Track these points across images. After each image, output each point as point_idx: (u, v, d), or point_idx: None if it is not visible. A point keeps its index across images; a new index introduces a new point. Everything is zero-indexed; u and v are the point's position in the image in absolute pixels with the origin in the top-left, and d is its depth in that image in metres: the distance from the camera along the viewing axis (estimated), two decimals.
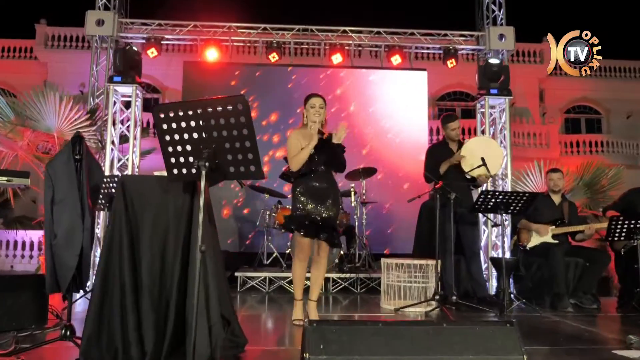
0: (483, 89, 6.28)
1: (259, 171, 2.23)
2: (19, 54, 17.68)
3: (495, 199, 4.50)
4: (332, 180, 3.86)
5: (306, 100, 3.83)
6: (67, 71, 16.50)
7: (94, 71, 8.14)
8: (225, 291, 2.81)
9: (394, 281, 4.76)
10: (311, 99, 3.80)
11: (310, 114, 3.76)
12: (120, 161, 5.90)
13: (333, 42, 8.54)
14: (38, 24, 17.46)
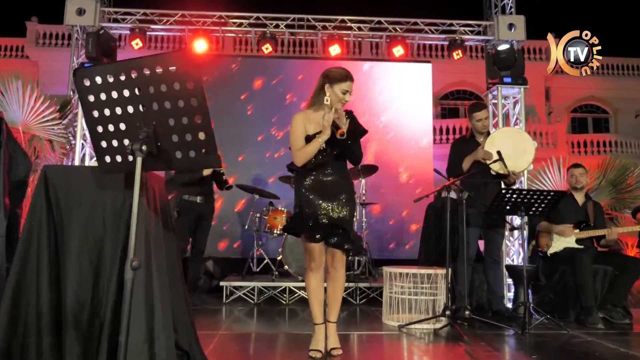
0: (494, 78, 5.68)
1: (213, 156, 1.63)
2: (9, 52, 17.18)
3: (515, 198, 3.89)
4: (345, 173, 3.15)
5: (336, 78, 3.02)
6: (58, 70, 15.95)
7: (74, 64, 7.56)
8: (184, 314, 2.20)
9: (397, 293, 4.15)
10: (346, 82, 3.03)
11: (335, 98, 3.00)
12: (92, 158, 5.30)
13: (331, 33, 7.96)
14: (29, 22, 16.99)
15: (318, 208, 2.98)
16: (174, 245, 2.27)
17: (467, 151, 4.36)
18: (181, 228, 4.82)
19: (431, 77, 8.25)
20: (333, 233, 2.99)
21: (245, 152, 7.66)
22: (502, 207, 3.98)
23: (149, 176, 2.07)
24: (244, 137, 7.72)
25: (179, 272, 2.25)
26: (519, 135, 4.37)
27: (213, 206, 5.06)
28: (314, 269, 3.05)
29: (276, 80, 8.15)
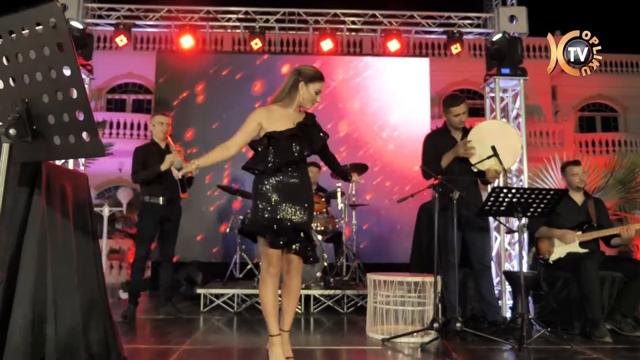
0: (492, 68, 5.28)
1: (95, 141, 1.26)
2: None
3: (511, 198, 3.50)
4: (307, 177, 3.00)
5: (311, 77, 2.92)
6: None
7: None
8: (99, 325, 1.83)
9: (382, 303, 3.77)
10: (321, 82, 2.96)
11: (308, 97, 2.93)
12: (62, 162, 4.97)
13: (322, 27, 7.60)
14: None
15: (282, 211, 2.81)
16: (91, 249, 1.91)
17: (443, 146, 3.98)
18: (143, 232, 4.47)
19: (429, 72, 7.85)
20: (295, 239, 2.82)
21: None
22: (497, 208, 3.59)
23: (56, 171, 1.72)
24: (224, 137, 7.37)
25: (95, 279, 1.90)
26: (504, 130, 3.95)
27: (178, 207, 4.66)
28: (273, 275, 2.84)
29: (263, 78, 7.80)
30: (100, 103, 16.82)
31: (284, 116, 2.92)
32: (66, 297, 1.67)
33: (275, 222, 2.79)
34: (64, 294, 1.66)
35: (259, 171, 2.89)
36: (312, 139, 2.96)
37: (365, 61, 8.04)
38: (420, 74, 7.77)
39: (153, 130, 4.63)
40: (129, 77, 16.88)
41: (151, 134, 4.69)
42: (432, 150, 4.10)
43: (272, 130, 2.86)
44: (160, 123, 4.57)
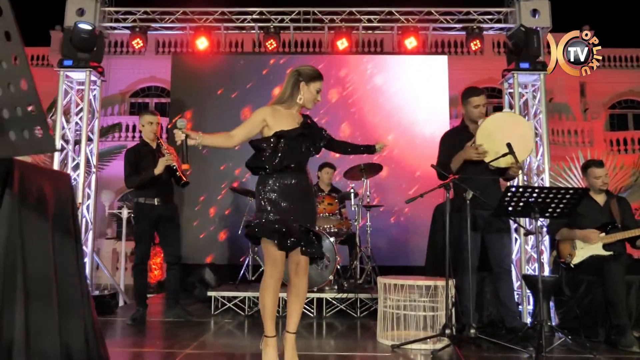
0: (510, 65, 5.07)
1: (47, 136, 1.18)
2: (34, 61, 17.35)
3: (527, 197, 3.32)
4: (307, 175, 2.98)
5: (311, 77, 2.94)
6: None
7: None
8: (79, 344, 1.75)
9: (391, 307, 3.63)
10: (320, 81, 2.98)
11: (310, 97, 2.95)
12: (75, 161, 4.98)
13: (338, 26, 7.48)
14: (53, 31, 17.12)
15: (289, 213, 2.79)
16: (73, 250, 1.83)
17: (460, 144, 3.81)
18: (140, 233, 4.40)
19: (447, 71, 7.64)
20: (305, 240, 2.83)
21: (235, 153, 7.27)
22: (513, 209, 3.41)
23: (32, 171, 1.65)
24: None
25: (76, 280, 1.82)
26: (512, 120, 3.77)
27: (175, 207, 4.56)
28: (276, 279, 2.82)
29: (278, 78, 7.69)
30: (124, 107, 17.05)
31: (288, 116, 2.91)
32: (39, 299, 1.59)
33: (283, 224, 2.76)
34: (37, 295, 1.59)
35: (265, 170, 2.85)
36: (315, 138, 2.98)
37: (381, 60, 7.91)
38: (439, 72, 7.58)
39: (143, 130, 4.51)
40: (151, 81, 17.07)
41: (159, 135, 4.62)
42: (449, 149, 3.94)
43: (280, 129, 2.83)
44: (149, 123, 4.46)
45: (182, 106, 7.57)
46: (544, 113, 5.02)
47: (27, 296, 1.53)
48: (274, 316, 2.84)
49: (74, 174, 4.90)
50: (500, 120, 3.76)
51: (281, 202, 2.80)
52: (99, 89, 5.20)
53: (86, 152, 4.92)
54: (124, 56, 16.85)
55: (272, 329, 2.82)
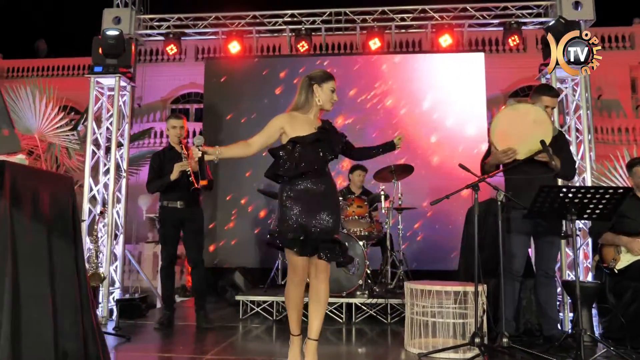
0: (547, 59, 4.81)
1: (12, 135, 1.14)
2: (80, 71, 18.00)
3: (563, 197, 3.10)
4: (330, 181, 2.98)
5: (322, 78, 2.97)
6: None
7: None
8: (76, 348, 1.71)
9: (418, 314, 3.47)
10: (332, 80, 3.01)
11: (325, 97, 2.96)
12: (105, 166, 5.05)
13: (370, 26, 7.36)
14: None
15: (309, 219, 2.81)
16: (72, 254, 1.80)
17: None
18: (164, 237, 4.40)
19: (484, 68, 7.38)
20: (324, 245, 2.84)
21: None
22: (547, 209, 3.19)
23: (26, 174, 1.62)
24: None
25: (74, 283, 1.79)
26: (516, 111, 3.54)
27: (198, 210, 4.47)
28: (298, 284, 2.89)
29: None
30: (165, 113, 17.43)
31: (305, 122, 2.93)
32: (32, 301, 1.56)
33: (302, 231, 2.78)
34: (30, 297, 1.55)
35: (284, 178, 2.87)
36: (333, 142, 2.96)
37: (415, 59, 7.73)
38: (476, 71, 7.33)
39: (169, 134, 4.51)
40: (191, 87, 17.40)
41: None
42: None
43: (296, 135, 2.85)
44: (173, 127, 4.45)
45: (216, 111, 7.62)
46: (584, 109, 4.73)
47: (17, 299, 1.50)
48: (298, 318, 2.92)
49: (104, 178, 4.97)
50: (506, 116, 3.55)
51: (300, 207, 2.81)
52: (129, 94, 5.26)
53: (116, 157, 4.98)
54: (165, 63, 17.25)
55: (295, 329, 2.92)
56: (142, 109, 17.67)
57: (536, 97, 3.70)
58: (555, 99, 3.72)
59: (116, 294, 4.99)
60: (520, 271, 3.64)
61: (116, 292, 4.99)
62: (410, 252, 6.20)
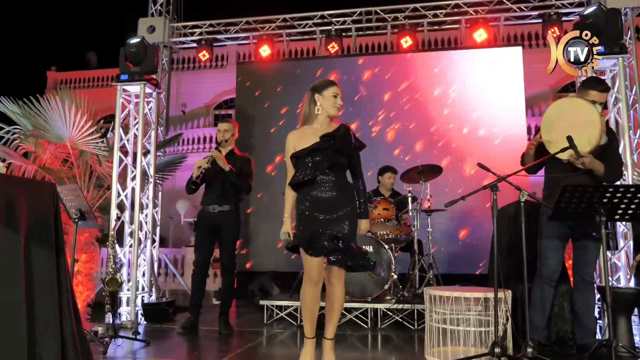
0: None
1: None
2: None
3: (589, 196, 2.86)
4: (343, 187, 3.05)
5: (322, 85, 3.08)
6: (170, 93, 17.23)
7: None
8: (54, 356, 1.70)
9: (437, 321, 3.31)
10: (333, 86, 3.07)
11: (328, 104, 3.04)
12: (133, 172, 5.14)
13: (401, 24, 7.20)
14: None
15: (318, 225, 2.93)
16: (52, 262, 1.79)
17: None
18: (197, 241, 4.41)
19: (522, 64, 7.05)
20: (334, 249, 2.92)
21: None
22: (573, 210, 2.96)
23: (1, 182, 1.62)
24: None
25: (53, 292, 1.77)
26: (573, 104, 3.31)
27: (231, 214, 4.38)
28: (313, 285, 2.97)
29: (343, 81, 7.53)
30: (208, 119, 17.78)
31: (311, 133, 3.03)
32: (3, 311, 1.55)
33: (313, 235, 2.91)
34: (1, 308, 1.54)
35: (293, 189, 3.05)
36: (338, 148, 2.98)
37: (449, 56, 7.49)
38: (513, 66, 7.01)
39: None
40: (233, 93, 17.64)
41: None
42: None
43: (299, 149, 3.00)
44: (218, 130, 4.50)
45: (247, 114, 7.66)
46: (624, 101, 4.40)
47: None
48: (312, 320, 2.99)
49: (132, 184, 5.06)
50: (561, 106, 3.35)
51: (311, 214, 2.95)
52: (155, 100, 5.33)
53: (142, 164, 5.05)
54: (207, 70, 17.61)
55: (310, 331, 2.99)
56: (187, 115, 18.11)
57: (583, 91, 3.46)
58: (604, 94, 3.42)
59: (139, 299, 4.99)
60: (553, 276, 3.42)
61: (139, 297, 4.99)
62: (443, 255, 5.99)
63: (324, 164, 2.94)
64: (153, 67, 5.03)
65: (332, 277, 2.99)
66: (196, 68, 17.95)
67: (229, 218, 4.37)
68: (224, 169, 4.23)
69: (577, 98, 3.35)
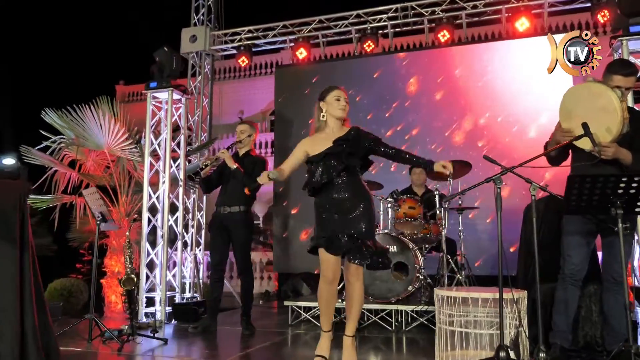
0: (619, 30, 4.14)
1: None
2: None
3: (602, 187, 2.61)
4: (356, 188, 3.14)
5: (324, 92, 3.24)
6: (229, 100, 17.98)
7: (191, 87, 8.01)
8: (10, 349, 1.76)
9: (445, 323, 3.15)
10: (334, 90, 3.21)
11: (332, 109, 3.16)
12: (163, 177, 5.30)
13: (439, 17, 6.99)
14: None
15: (334, 224, 3.03)
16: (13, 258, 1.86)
17: None
18: (211, 243, 4.44)
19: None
20: (351, 247, 3.00)
21: None
22: (586, 203, 2.71)
23: None
24: None
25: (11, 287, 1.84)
26: (590, 90, 3.02)
27: (241, 215, 4.36)
28: (329, 281, 3.06)
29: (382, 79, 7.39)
30: (265, 124, 18.10)
31: (324, 139, 3.14)
32: None
33: (329, 234, 3.02)
34: None
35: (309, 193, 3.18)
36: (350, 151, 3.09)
37: (489, 47, 7.16)
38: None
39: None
40: None
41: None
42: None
43: (313, 155, 3.12)
44: (236, 131, 4.55)
45: (285, 118, 7.71)
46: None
47: None
48: (328, 315, 3.10)
49: (163, 187, 5.22)
50: (576, 93, 3.10)
51: (327, 216, 3.07)
52: (185, 106, 5.48)
53: (172, 169, 5.20)
54: (262, 77, 17.97)
55: (327, 325, 3.10)
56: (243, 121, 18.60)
57: (607, 76, 3.17)
58: (630, 78, 3.12)
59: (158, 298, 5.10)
60: (577, 275, 3.16)
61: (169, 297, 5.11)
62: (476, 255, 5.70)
63: (338, 167, 3.05)
64: (179, 74, 5.17)
65: (350, 275, 3.06)
66: (251, 76, 18.37)
67: (239, 219, 4.36)
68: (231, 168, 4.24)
69: (593, 83, 3.08)
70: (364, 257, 2.99)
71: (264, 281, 10.84)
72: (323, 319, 3.12)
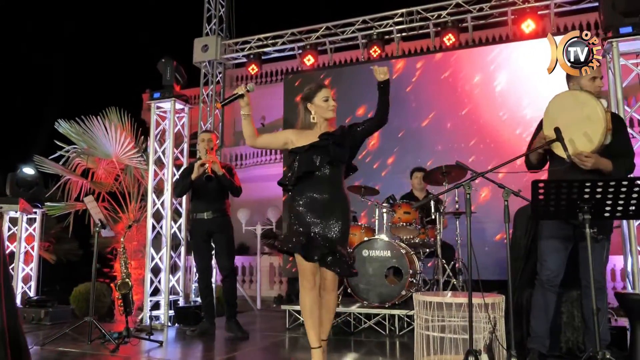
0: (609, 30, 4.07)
1: None
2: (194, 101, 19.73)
3: (568, 193, 2.61)
4: (336, 189, 3.00)
5: (311, 93, 3.06)
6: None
7: (204, 96, 8.22)
8: None
9: (422, 328, 3.18)
10: (321, 90, 3.05)
11: (321, 110, 3.02)
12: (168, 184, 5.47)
13: (444, 21, 7.00)
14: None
15: (312, 226, 2.91)
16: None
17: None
18: (195, 248, 4.54)
19: None
20: (327, 253, 2.89)
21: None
22: (554, 209, 2.71)
23: None
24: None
25: None
26: (575, 98, 3.01)
27: (226, 220, 4.51)
28: (309, 289, 2.91)
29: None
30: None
31: (310, 134, 3.02)
32: None
33: (305, 237, 2.87)
34: None
35: (286, 186, 3.03)
36: (331, 147, 2.95)
37: (495, 50, 7.12)
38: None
39: (198, 148, 4.65)
40: None
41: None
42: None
43: (297, 146, 2.99)
44: (202, 140, 4.58)
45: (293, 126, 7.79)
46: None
47: None
48: (315, 327, 2.90)
49: (167, 193, 5.38)
50: (562, 101, 3.10)
51: (304, 215, 2.92)
52: (187, 115, 5.64)
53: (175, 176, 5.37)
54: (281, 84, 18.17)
55: (314, 341, 2.89)
56: (265, 127, 18.79)
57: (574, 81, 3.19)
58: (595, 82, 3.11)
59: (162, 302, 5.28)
60: (554, 280, 3.15)
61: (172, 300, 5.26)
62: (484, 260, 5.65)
63: (324, 159, 2.93)
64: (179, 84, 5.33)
65: (328, 283, 2.94)
66: (272, 82, 18.62)
67: (224, 224, 4.49)
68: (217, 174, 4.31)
69: (579, 92, 3.07)
70: (341, 265, 2.89)
71: (276, 285, 10.98)
72: (310, 332, 2.89)
